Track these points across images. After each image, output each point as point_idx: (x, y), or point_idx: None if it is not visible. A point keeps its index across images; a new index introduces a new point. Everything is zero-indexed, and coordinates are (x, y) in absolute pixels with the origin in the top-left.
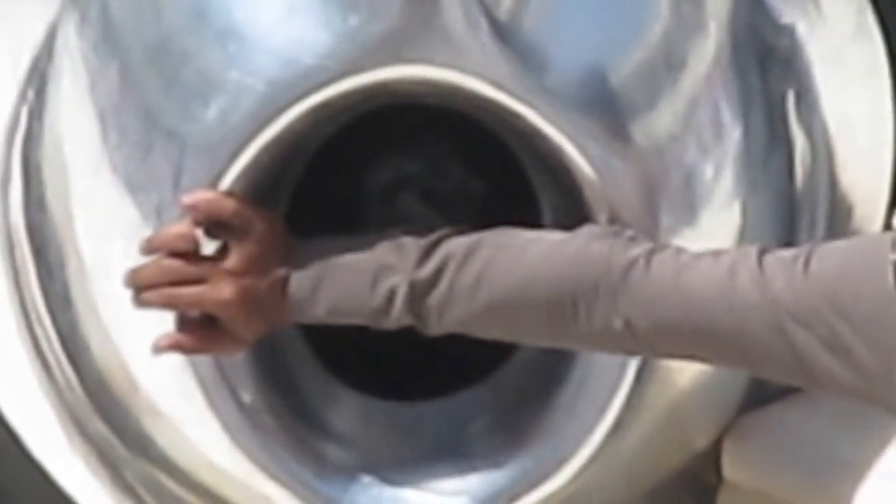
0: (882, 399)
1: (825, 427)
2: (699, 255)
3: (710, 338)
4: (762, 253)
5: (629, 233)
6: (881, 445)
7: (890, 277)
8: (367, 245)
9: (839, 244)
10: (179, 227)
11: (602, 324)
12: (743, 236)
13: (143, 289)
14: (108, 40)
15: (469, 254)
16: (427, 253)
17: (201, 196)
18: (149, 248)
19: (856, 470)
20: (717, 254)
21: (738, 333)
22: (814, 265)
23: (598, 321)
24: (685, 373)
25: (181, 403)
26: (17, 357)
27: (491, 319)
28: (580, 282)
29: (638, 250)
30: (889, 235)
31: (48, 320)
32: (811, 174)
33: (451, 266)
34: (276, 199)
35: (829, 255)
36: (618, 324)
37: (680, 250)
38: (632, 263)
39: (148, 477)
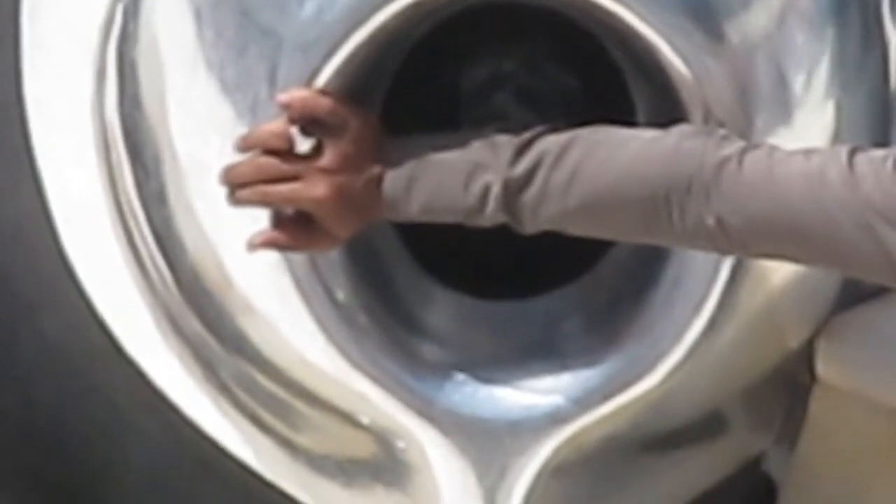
0: None
1: None
2: (791, 154)
3: (801, 236)
4: (853, 153)
5: (722, 131)
6: None
7: None
8: (461, 143)
9: None
10: (275, 125)
11: (695, 221)
12: (836, 136)
13: (238, 186)
14: None
15: (563, 152)
16: (521, 151)
17: (297, 94)
18: (244, 145)
19: None
20: (808, 153)
21: (828, 232)
22: None
23: (690, 219)
24: (779, 272)
25: (275, 301)
26: (111, 255)
27: (585, 217)
28: (673, 179)
29: (731, 148)
30: None
31: (143, 218)
32: None
33: (545, 164)
34: (371, 97)
35: None
36: (710, 221)
37: (773, 149)
38: (725, 161)
39: (242, 374)
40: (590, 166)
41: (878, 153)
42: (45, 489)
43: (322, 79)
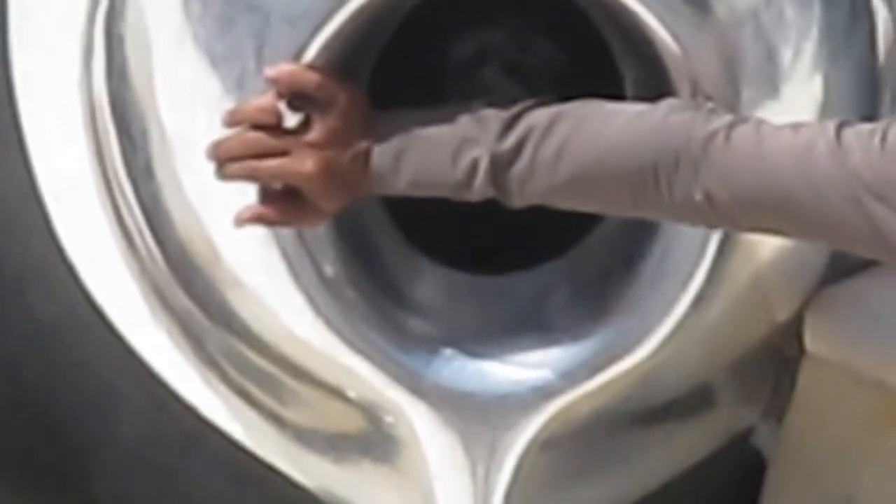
0: None
1: None
2: (779, 128)
3: (789, 210)
4: (841, 126)
5: (710, 105)
6: None
7: None
8: (449, 117)
9: None
10: (262, 100)
11: (683, 195)
12: (824, 110)
13: (225, 161)
14: None
15: (551, 125)
16: (509, 125)
17: (284, 69)
18: (232, 120)
19: None
20: (796, 127)
21: (816, 206)
22: (891, 138)
23: (678, 193)
24: (767, 245)
25: (264, 275)
26: (99, 229)
27: (572, 191)
28: (661, 153)
29: (719, 122)
30: None
31: (131, 192)
32: (893, 48)
33: (533, 138)
34: (359, 71)
35: None
36: (698, 196)
37: (760, 122)
38: (712, 135)
39: (230, 349)
40: (577, 140)
41: (866, 127)
42: (34, 464)
43: (310, 53)
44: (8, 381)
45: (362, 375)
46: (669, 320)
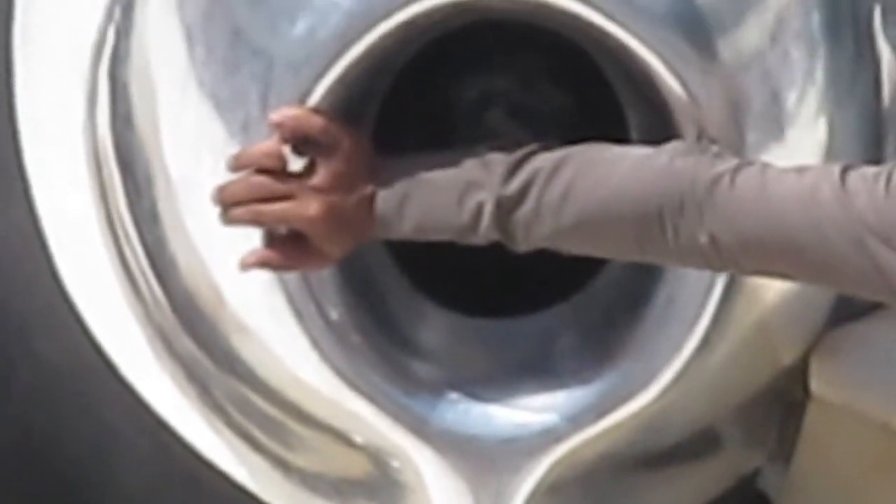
0: None
1: None
2: (784, 171)
3: (794, 254)
4: (845, 170)
5: (715, 149)
6: None
7: None
8: (453, 161)
9: None
10: (267, 144)
11: (688, 239)
12: (829, 153)
13: (230, 205)
14: None
15: (556, 169)
16: (514, 169)
17: (289, 113)
18: (236, 164)
19: None
20: (801, 170)
21: (821, 249)
22: (895, 182)
23: (683, 237)
24: (772, 289)
25: (269, 320)
26: (104, 274)
27: (578, 235)
28: (666, 197)
29: (724, 166)
30: None
31: (135, 237)
32: None
33: (538, 182)
34: (363, 115)
35: None
36: (703, 239)
37: (765, 166)
38: (717, 178)
39: (235, 393)
40: (583, 184)
41: (871, 170)
42: None
43: (314, 98)
44: (13, 425)
45: (367, 420)
46: (675, 364)
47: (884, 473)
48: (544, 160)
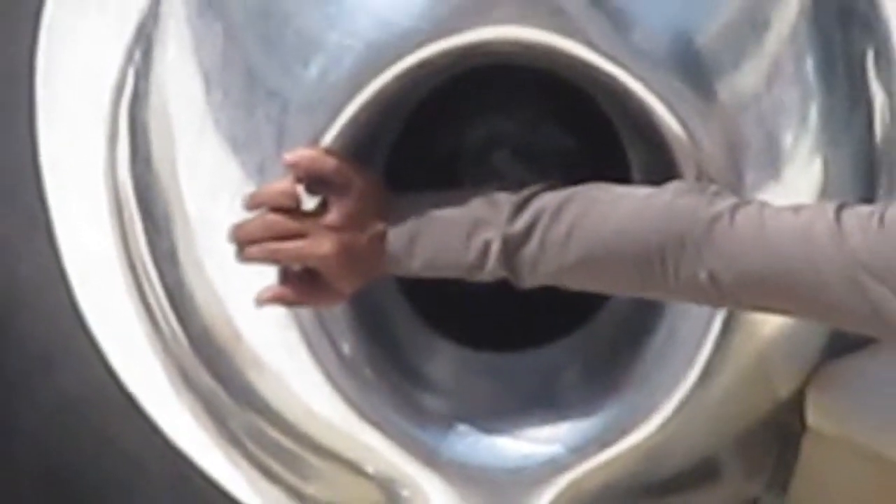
0: None
1: None
2: (781, 210)
3: (791, 290)
4: (840, 208)
5: (714, 188)
6: None
7: None
8: (461, 201)
9: None
10: (282, 184)
11: (688, 276)
12: (824, 192)
13: (246, 244)
14: (211, 4)
15: (560, 209)
16: (520, 208)
17: (303, 154)
18: (252, 203)
19: None
20: (797, 209)
21: (816, 286)
22: (888, 220)
23: (684, 274)
24: (769, 324)
25: (284, 355)
26: (125, 312)
27: (582, 272)
28: (668, 236)
29: (723, 205)
30: None
31: (155, 275)
32: (890, 131)
33: (543, 220)
34: (375, 156)
35: None
36: (703, 276)
37: (763, 205)
38: (717, 217)
39: (252, 426)
40: (586, 223)
41: (865, 209)
42: None
43: (327, 138)
44: (34, 457)
45: (379, 451)
46: (676, 396)
47: (877, 503)
48: (549, 199)
